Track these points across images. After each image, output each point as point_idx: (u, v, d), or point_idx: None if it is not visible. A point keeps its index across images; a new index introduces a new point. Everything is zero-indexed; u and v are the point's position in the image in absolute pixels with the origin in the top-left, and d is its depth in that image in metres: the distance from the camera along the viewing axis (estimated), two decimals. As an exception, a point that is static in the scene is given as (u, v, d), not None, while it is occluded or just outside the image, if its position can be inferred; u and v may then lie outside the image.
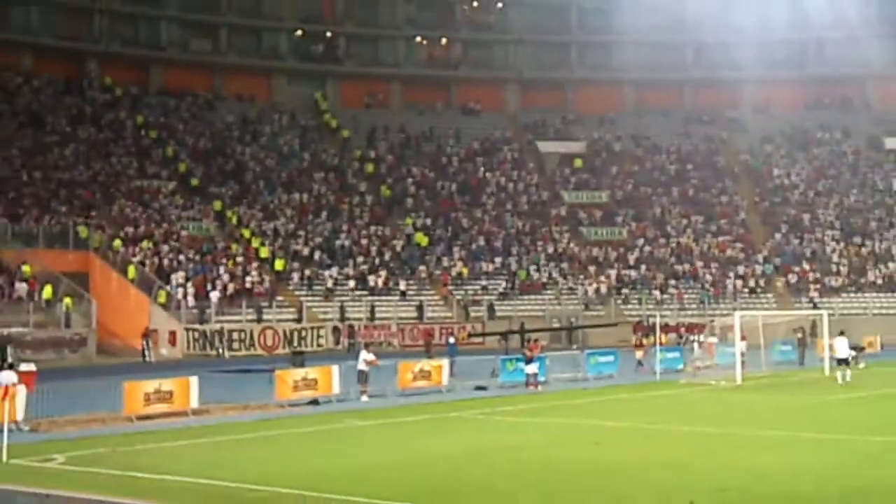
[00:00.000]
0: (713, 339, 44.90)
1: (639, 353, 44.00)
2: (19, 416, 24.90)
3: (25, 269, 51.44)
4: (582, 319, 62.29)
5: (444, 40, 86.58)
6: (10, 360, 33.82)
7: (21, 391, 25.32)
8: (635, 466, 19.57)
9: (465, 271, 66.22)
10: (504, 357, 39.21)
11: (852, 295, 67.19)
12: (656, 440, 23.48)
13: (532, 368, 36.00)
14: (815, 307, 61.65)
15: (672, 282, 68.33)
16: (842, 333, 39.31)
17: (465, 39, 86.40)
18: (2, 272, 51.26)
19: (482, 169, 78.31)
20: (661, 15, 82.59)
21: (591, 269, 69.12)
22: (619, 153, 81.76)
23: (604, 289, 66.99)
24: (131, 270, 54.93)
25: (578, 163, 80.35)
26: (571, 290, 66.68)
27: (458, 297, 63.47)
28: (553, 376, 38.04)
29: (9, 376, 25.05)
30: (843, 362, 37.66)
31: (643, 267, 69.72)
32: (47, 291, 50.91)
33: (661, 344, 43.87)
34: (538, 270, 67.91)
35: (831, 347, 42.68)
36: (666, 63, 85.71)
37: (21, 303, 49.57)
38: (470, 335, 57.73)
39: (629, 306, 65.49)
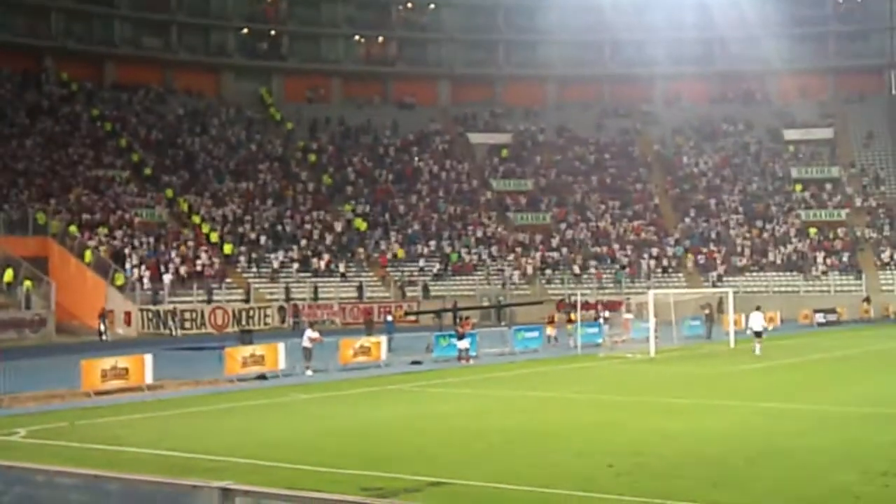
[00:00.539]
0: (629, 316, 45.34)
1: (550, 330, 43.97)
2: (-17, 392, 24.58)
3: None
4: (509, 298, 62.64)
5: (380, 39, 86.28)
6: (-27, 340, 33.30)
7: (-16, 369, 24.98)
8: (559, 431, 19.78)
9: (401, 254, 66.24)
10: (438, 334, 39.32)
11: (755, 274, 68.21)
12: (577, 408, 23.74)
13: (464, 344, 36.19)
14: (713, 286, 62.55)
15: (592, 263, 68.91)
16: (758, 309, 39.99)
17: (401, 38, 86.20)
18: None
19: (416, 159, 78.31)
20: (581, 15, 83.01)
21: (518, 251, 69.51)
22: (542, 144, 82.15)
23: (529, 269, 67.42)
24: (88, 255, 54.20)
25: (505, 153, 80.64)
26: (500, 271, 67.00)
27: (395, 278, 63.50)
28: (483, 351, 38.24)
29: (-28, 355, 24.70)
30: (758, 335, 38.35)
31: (565, 249, 70.25)
32: (8, 275, 50.10)
33: (581, 320, 44.19)
34: (469, 253, 68.14)
35: (737, 322, 43.48)
36: (586, 60, 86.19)
37: (-18, 286, 48.82)
38: (406, 313, 57.76)
39: (552, 286, 66.00)
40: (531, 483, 14.72)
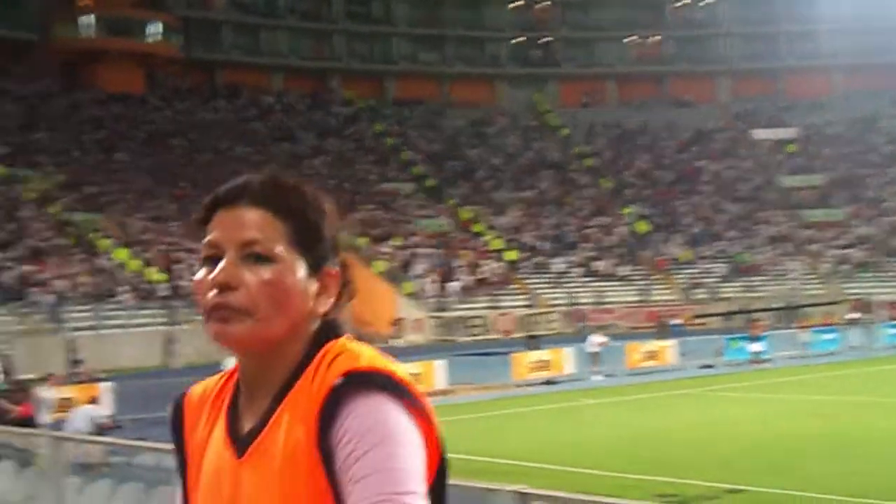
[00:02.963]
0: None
1: None
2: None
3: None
4: (802, 299, 60.11)
5: (655, 38, 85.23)
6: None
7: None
8: (862, 437, 18.80)
9: (685, 256, 65.05)
10: (728, 336, 38.41)
11: None
12: (883, 413, 22.43)
13: (756, 347, 35.19)
14: None
15: (891, 259, 65.10)
16: None
17: (675, 36, 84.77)
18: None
19: (697, 158, 76.80)
20: (865, 0, 78.80)
21: (809, 249, 66.71)
22: (832, 136, 78.51)
23: (823, 268, 64.57)
24: (379, 265, 56.50)
25: (792, 148, 77.65)
26: (791, 271, 64.49)
27: (681, 281, 62.42)
28: (776, 354, 36.94)
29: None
30: None
31: (861, 245, 66.74)
32: (307, 287, 52.81)
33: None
34: (757, 253, 66.07)
35: None
36: (875, 47, 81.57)
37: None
38: (694, 316, 56.62)
39: (848, 285, 62.81)
40: (834, 492, 14.08)
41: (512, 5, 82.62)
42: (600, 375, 31.76)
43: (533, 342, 38.28)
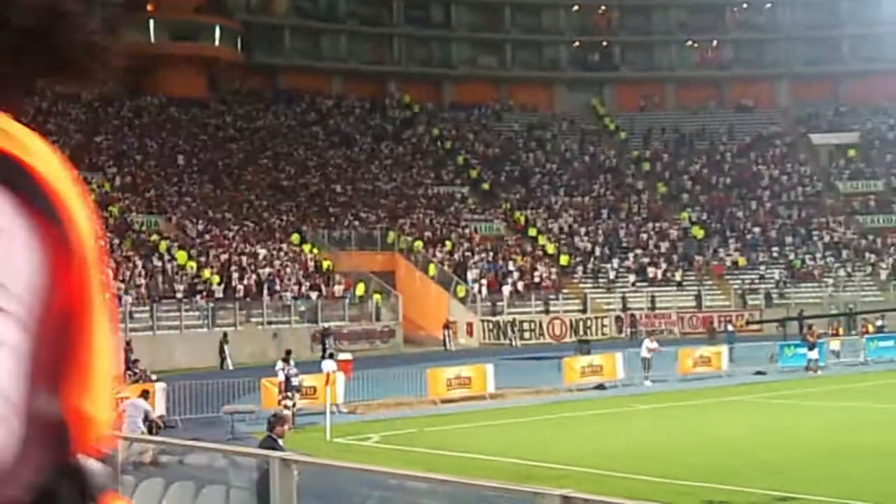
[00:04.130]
0: None
1: None
2: (339, 399, 26.16)
3: (325, 264, 53.60)
4: (860, 305, 59.22)
5: (714, 42, 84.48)
6: (329, 350, 35.52)
7: (340, 378, 26.60)
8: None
9: (741, 261, 64.41)
10: (783, 343, 37.96)
11: None
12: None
13: (813, 354, 34.76)
14: None
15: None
16: None
17: (735, 40, 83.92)
18: (321, 273, 53.84)
19: (755, 163, 75.96)
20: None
21: (868, 256, 65.72)
22: (893, 141, 77.23)
23: (882, 275, 63.57)
24: (431, 269, 56.55)
25: (852, 153, 76.51)
26: (849, 277, 63.56)
27: (735, 287, 61.80)
28: (832, 361, 36.43)
29: (329, 364, 26.37)
30: None
31: (921, 252, 65.60)
32: (359, 289, 53.08)
33: None
34: (814, 259, 65.20)
35: None
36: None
37: (338, 300, 51.92)
38: (748, 322, 56.04)
39: (908, 292, 61.75)
40: (891, 501, 13.83)
41: (571, 9, 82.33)
42: (650, 381, 31.57)
43: (584, 346, 38.13)
